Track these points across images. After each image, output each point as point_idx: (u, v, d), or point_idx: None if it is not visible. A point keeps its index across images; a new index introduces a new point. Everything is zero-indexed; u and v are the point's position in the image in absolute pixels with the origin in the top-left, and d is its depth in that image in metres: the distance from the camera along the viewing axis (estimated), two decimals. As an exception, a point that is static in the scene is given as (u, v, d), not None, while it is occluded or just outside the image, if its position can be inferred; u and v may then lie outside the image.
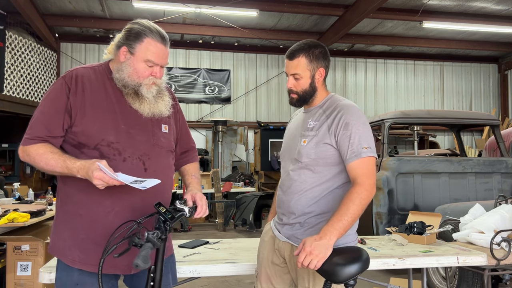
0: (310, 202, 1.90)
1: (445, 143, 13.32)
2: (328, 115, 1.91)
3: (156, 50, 1.73)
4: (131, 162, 1.72)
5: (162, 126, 1.85)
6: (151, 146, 1.79)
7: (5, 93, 8.62)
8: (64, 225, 1.77)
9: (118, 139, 1.72)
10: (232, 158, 11.73)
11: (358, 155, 1.80)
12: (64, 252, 1.74)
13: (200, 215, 1.81)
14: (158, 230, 1.56)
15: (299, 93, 1.96)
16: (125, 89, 1.76)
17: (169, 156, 1.89)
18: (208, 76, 12.13)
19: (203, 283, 4.68)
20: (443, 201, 4.90)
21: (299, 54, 1.93)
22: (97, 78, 1.79)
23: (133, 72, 1.73)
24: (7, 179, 8.67)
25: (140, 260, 1.42)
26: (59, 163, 1.64)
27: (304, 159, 1.90)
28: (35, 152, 1.67)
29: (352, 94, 12.90)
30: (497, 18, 10.05)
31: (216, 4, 8.87)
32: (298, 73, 1.93)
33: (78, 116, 1.70)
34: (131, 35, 1.73)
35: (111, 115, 1.74)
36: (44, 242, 3.85)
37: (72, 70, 1.79)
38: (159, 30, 1.76)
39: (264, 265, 2.07)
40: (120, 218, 1.69)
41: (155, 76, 1.76)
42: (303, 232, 1.91)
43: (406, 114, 5.39)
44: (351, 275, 1.66)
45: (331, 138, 1.86)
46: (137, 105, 1.77)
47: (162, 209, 1.60)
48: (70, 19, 10.06)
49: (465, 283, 3.63)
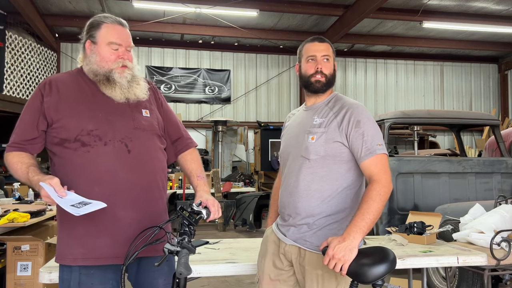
0: (320, 202, 1.85)
1: (445, 143, 13.32)
2: (336, 113, 1.88)
3: (115, 32, 1.81)
4: (113, 145, 1.75)
5: (142, 111, 1.88)
6: (132, 130, 1.81)
7: (5, 93, 8.62)
8: (64, 225, 1.79)
9: (97, 127, 1.76)
10: (232, 158, 11.73)
11: (373, 152, 1.79)
12: (66, 254, 1.76)
13: (213, 218, 1.81)
14: (185, 235, 1.57)
15: (327, 76, 1.95)
16: (96, 77, 1.81)
17: (154, 138, 1.90)
18: (208, 76, 12.13)
19: (203, 283, 4.68)
20: (443, 201, 4.89)
21: (326, 41, 1.98)
22: (71, 77, 1.87)
23: (101, 59, 1.80)
24: (7, 179, 8.65)
25: (183, 268, 1.43)
26: (24, 174, 1.71)
27: (313, 156, 1.86)
28: (10, 161, 1.76)
29: (352, 94, 12.90)
30: (497, 18, 10.05)
31: (216, 4, 8.87)
32: (329, 55, 1.95)
33: (53, 114, 1.76)
34: (90, 27, 1.83)
35: (87, 106, 1.79)
36: (44, 242, 3.85)
37: (46, 79, 1.87)
38: (114, 17, 1.86)
39: (266, 270, 2.01)
40: (113, 204, 1.71)
41: (123, 57, 1.81)
42: (312, 234, 1.86)
43: (406, 114, 5.39)
44: (379, 275, 1.65)
45: (341, 136, 1.84)
46: (109, 91, 1.81)
47: (185, 213, 1.61)
48: (70, 19, 10.06)
49: (465, 283, 3.63)
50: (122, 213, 1.74)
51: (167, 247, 1.51)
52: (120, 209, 1.74)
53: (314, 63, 1.94)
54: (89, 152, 1.72)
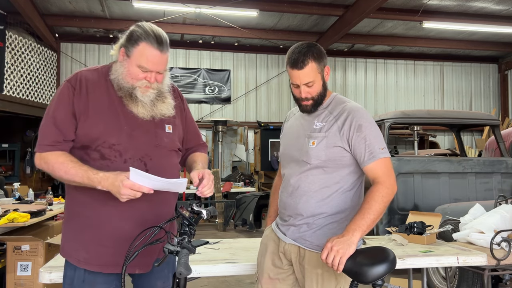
0: (320, 203, 1.88)
1: (445, 143, 13.32)
2: (336, 117, 1.89)
3: (150, 57, 1.70)
4: (132, 164, 1.71)
5: (165, 127, 1.83)
6: (153, 147, 1.78)
7: (5, 93, 8.62)
8: (70, 226, 1.79)
9: (119, 141, 1.72)
10: (232, 158, 11.73)
11: (376, 156, 1.80)
12: (70, 253, 1.76)
13: (205, 189, 1.73)
14: (185, 235, 1.56)
15: (315, 98, 1.90)
16: (120, 91, 1.75)
17: (173, 155, 1.88)
18: (208, 76, 12.13)
19: (203, 283, 4.68)
20: (443, 201, 4.89)
21: (307, 60, 1.84)
22: (100, 80, 1.78)
23: (127, 74, 1.73)
24: (7, 179, 8.66)
25: (183, 268, 1.43)
26: (79, 173, 1.63)
27: (314, 160, 1.87)
28: (55, 160, 1.67)
29: (352, 94, 12.90)
30: (497, 18, 10.05)
31: (216, 4, 8.87)
32: (311, 81, 1.87)
33: (82, 119, 1.71)
34: (130, 38, 1.72)
35: (114, 117, 1.74)
36: (44, 242, 3.85)
37: (77, 73, 1.79)
38: (157, 34, 1.71)
39: (265, 269, 2.02)
40: (124, 221, 1.71)
41: (149, 81, 1.73)
42: (312, 234, 1.88)
43: (406, 114, 5.39)
44: (379, 275, 1.66)
45: (342, 141, 1.84)
46: (133, 107, 1.75)
47: (185, 213, 1.60)
48: (70, 19, 10.06)
49: (465, 283, 3.63)
50: (127, 226, 1.72)
51: (167, 247, 1.51)
52: (127, 223, 1.72)
53: (298, 90, 1.91)
54: (108, 167, 1.68)
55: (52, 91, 10.61)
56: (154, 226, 1.62)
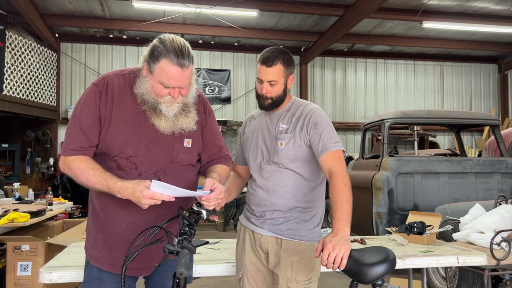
0: (295, 198, 2.03)
1: (445, 143, 13.31)
2: (298, 118, 2.06)
3: (170, 74, 1.66)
4: (146, 177, 1.72)
5: (184, 141, 1.83)
6: (168, 162, 1.79)
7: (5, 93, 8.61)
8: (89, 222, 1.88)
9: (137, 153, 1.74)
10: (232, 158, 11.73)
11: (329, 148, 1.95)
12: (87, 247, 1.87)
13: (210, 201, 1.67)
14: (185, 235, 1.57)
15: (273, 98, 2.07)
16: (144, 105, 1.75)
17: (189, 170, 1.88)
18: (208, 76, 12.13)
19: (203, 283, 4.68)
20: (443, 201, 4.90)
21: (277, 61, 2.03)
22: (125, 88, 1.78)
23: (151, 90, 1.71)
24: (7, 179, 8.67)
25: (183, 268, 1.45)
26: (100, 181, 1.65)
27: (283, 160, 2.03)
28: (77, 167, 1.69)
29: (352, 94, 12.90)
30: (497, 18, 10.05)
31: (216, 4, 8.87)
32: (275, 80, 2.04)
33: (105, 127, 1.73)
34: (152, 54, 1.69)
35: (134, 128, 1.75)
36: (44, 242, 3.85)
37: (104, 77, 1.79)
38: (178, 49, 1.66)
39: (247, 263, 2.11)
40: (132, 229, 1.75)
41: (173, 96, 1.71)
42: (289, 224, 2.02)
43: (406, 114, 5.39)
44: (379, 275, 1.68)
45: (304, 139, 2.02)
46: (156, 120, 1.75)
47: (185, 213, 1.61)
48: (70, 19, 10.05)
49: (465, 283, 3.63)
50: (135, 233, 1.72)
51: (167, 247, 1.52)
52: (135, 234, 1.71)
53: (261, 86, 2.09)
54: (123, 178, 1.68)
55: (52, 91, 10.61)
56: (154, 226, 1.63)
